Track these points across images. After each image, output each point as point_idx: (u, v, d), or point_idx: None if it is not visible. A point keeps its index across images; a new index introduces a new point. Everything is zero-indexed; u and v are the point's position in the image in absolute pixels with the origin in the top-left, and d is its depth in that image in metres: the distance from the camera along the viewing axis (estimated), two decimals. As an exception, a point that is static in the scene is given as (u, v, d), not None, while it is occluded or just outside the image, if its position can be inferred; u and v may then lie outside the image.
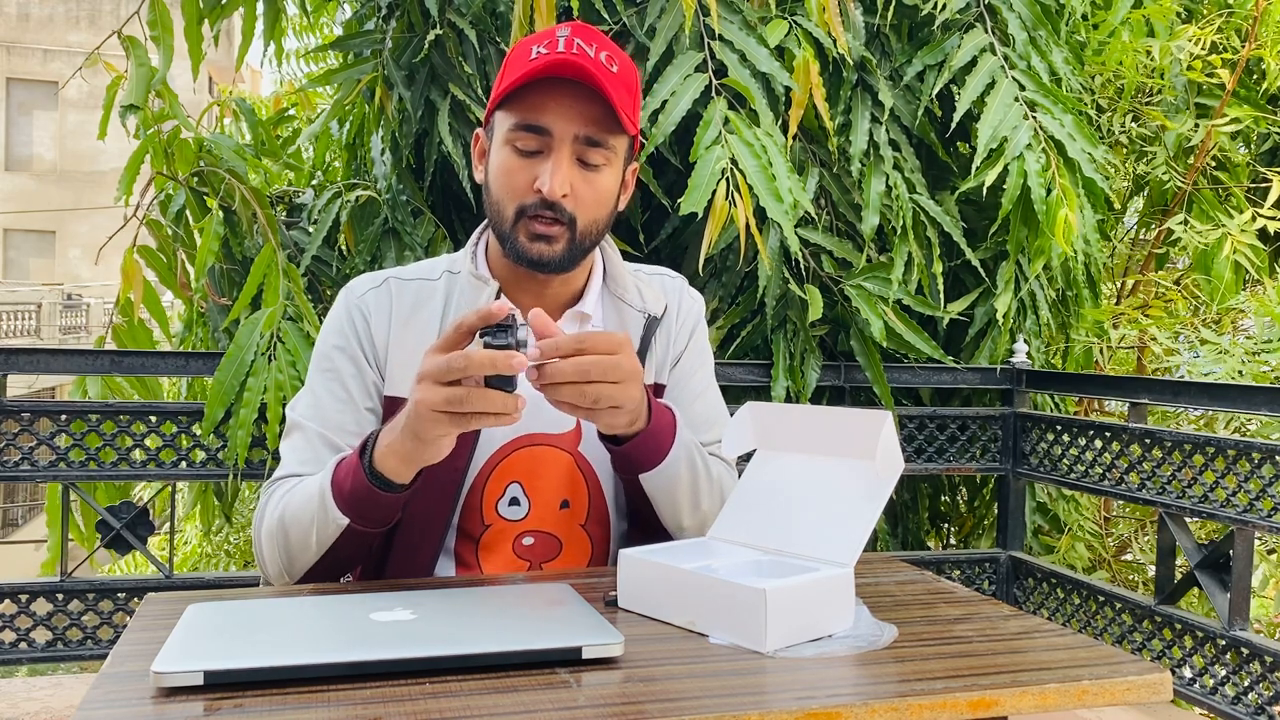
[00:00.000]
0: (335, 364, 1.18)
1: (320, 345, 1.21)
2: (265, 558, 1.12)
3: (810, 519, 0.98)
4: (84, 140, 20.48)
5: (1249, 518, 1.87)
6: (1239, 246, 2.75)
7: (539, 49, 1.10)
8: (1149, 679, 0.82)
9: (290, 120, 3.20)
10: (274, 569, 1.12)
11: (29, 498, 16.58)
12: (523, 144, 1.11)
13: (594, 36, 1.12)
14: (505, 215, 1.13)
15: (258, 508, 1.15)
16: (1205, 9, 3.12)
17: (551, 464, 1.17)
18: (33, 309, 18.59)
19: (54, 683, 2.31)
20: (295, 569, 1.09)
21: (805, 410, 1.07)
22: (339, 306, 1.21)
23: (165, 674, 0.74)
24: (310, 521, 1.05)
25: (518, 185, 1.11)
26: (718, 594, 0.87)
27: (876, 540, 2.55)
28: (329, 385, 1.17)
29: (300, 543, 1.07)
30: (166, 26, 2.42)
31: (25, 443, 2.00)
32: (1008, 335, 2.54)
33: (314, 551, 1.06)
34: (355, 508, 1.02)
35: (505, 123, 1.12)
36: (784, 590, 0.86)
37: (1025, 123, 2.33)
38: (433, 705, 0.72)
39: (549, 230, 1.11)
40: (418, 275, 1.21)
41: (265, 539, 1.11)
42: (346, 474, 1.03)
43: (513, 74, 1.11)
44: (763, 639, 0.84)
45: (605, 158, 1.13)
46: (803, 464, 1.03)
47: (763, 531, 1.01)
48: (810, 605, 0.88)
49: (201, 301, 2.48)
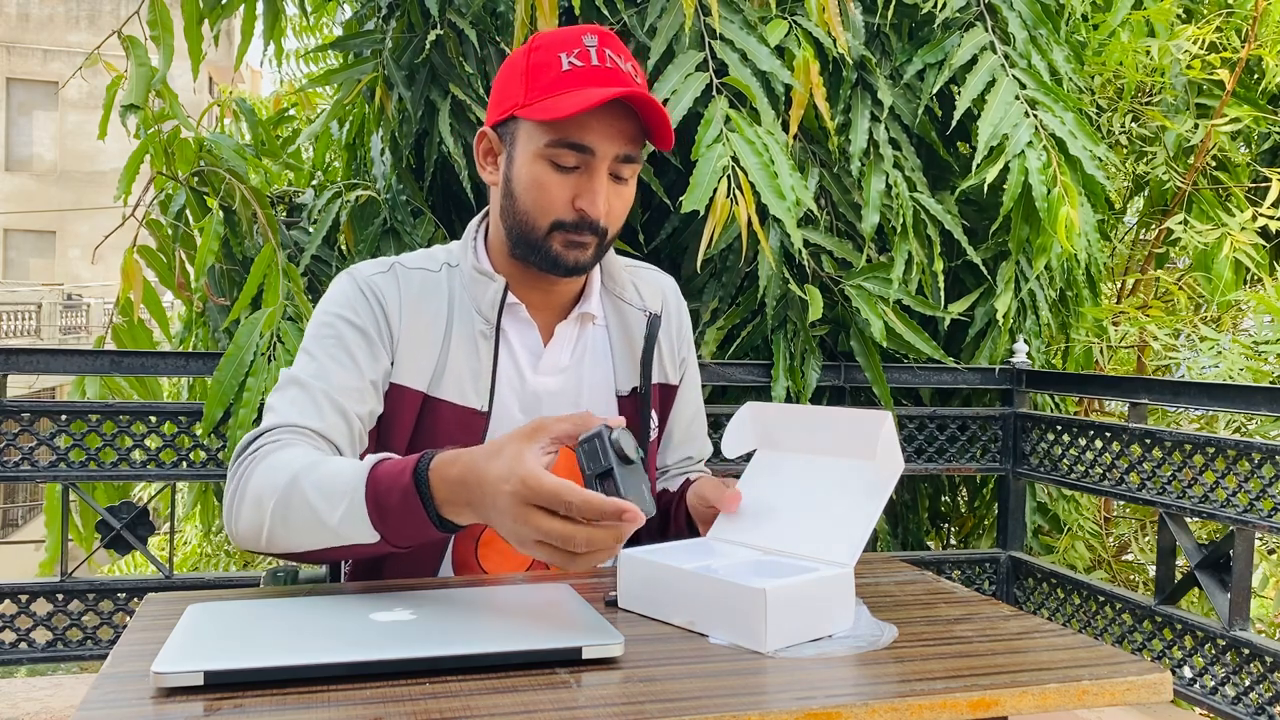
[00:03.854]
0: (340, 332, 1.13)
1: (322, 315, 1.15)
2: (243, 516, 1.00)
3: (811, 519, 0.98)
4: (84, 140, 20.48)
5: (1249, 518, 1.87)
6: (1239, 245, 2.75)
7: (571, 60, 1.09)
8: (1149, 679, 0.82)
9: (290, 120, 3.20)
10: (248, 533, 1.00)
11: (29, 498, 16.58)
12: (562, 160, 1.10)
13: (618, 46, 1.12)
14: (538, 226, 1.13)
15: (244, 455, 1.04)
16: (1205, 9, 3.12)
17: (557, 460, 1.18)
18: (33, 309, 18.60)
19: (54, 683, 2.31)
20: (277, 544, 0.99)
21: (805, 410, 1.07)
22: (345, 284, 1.17)
23: (165, 674, 0.74)
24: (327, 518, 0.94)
25: (554, 202, 1.11)
26: (717, 594, 0.87)
27: (877, 540, 2.54)
28: (332, 351, 1.12)
29: (302, 530, 0.96)
30: (166, 26, 2.42)
31: (25, 443, 2.00)
32: (1008, 335, 2.54)
33: (314, 543, 0.97)
34: (399, 532, 0.92)
35: (539, 136, 1.10)
36: (784, 590, 0.85)
37: (1026, 121, 2.32)
38: (433, 705, 0.72)
39: (584, 239, 1.13)
40: (419, 265, 1.20)
41: (252, 500, 1.00)
42: (392, 494, 0.91)
43: (545, 86, 1.09)
44: (763, 639, 0.84)
45: (634, 171, 1.15)
46: (803, 464, 1.03)
47: (763, 532, 1.01)
48: (810, 605, 0.88)
49: (201, 302, 2.48)
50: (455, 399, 1.15)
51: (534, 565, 1.17)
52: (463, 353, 1.16)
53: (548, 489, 0.81)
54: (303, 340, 1.16)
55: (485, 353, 1.16)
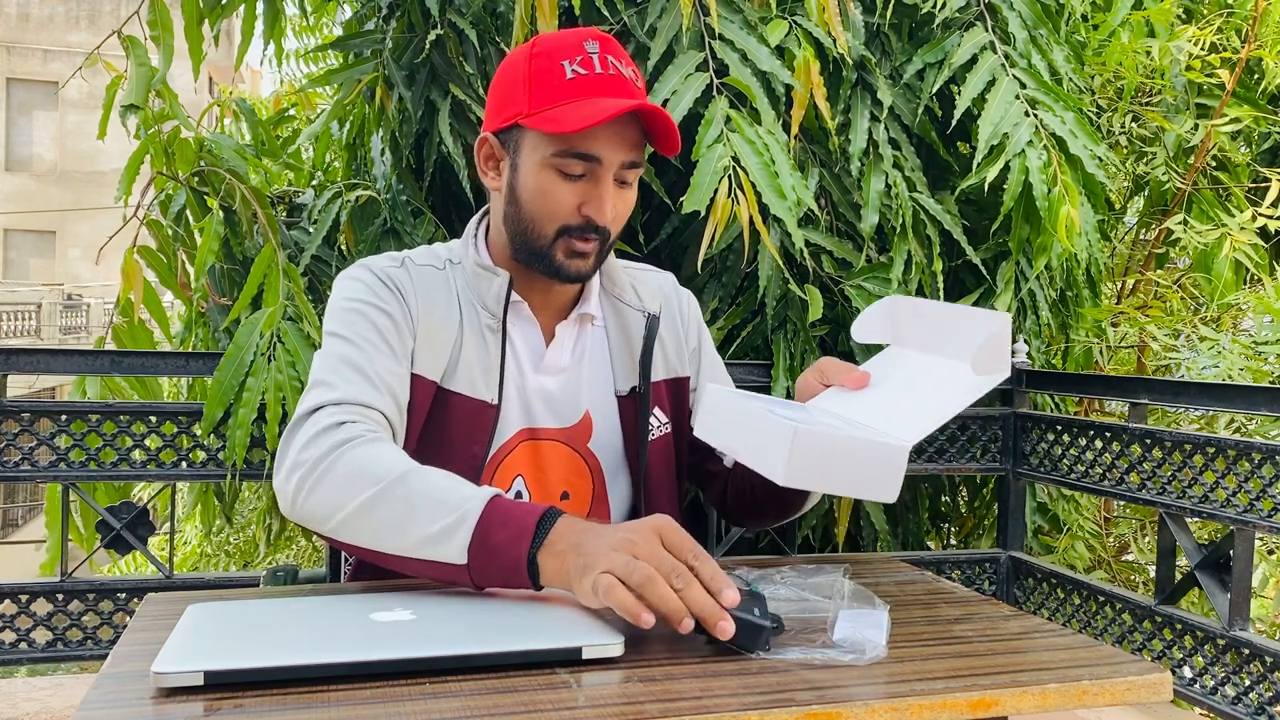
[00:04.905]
0: (373, 319, 1.12)
1: (348, 304, 1.14)
2: (317, 493, 0.98)
3: (899, 402, 1.00)
4: (84, 140, 20.49)
5: (1249, 518, 1.87)
6: (1239, 245, 2.75)
7: (574, 68, 1.09)
8: (1149, 679, 0.82)
9: (290, 120, 3.20)
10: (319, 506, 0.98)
11: (29, 498, 16.59)
12: (569, 170, 1.11)
13: (619, 50, 1.13)
14: (544, 234, 1.14)
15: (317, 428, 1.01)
16: (1205, 9, 3.12)
17: (552, 457, 1.19)
18: (33, 309, 18.61)
19: (54, 683, 2.31)
20: (344, 531, 0.97)
21: (936, 307, 1.07)
22: (363, 274, 1.16)
23: (165, 674, 0.74)
24: (419, 522, 0.93)
25: (561, 209, 1.12)
26: (759, 427, 0.90)
27: (877, 540, 2.55)
28: (369, 337, 1.11)
29: (388, 524, 0.94)
30: (166, 26, 2.42)
31: (25, 443, 2.00)
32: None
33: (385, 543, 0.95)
34: (486, 565, 0.90)
35: (545, 144, 1.10)
36: (814, 434, 0.87)
37: (1026, 120, 2.32)
38: (433, 705, 0.72)
39: (587, 246, 1.14)
40: (426, 262, 1.21)
41: (339, 478, 0.97)
42: (508, 526, 0.90)
43: (549, 94, 1.09)
44: (779, 471, 0.85)
45: (637, 175, 1.16)
46: (918, 360, 1.06)
47: (850, 406, 1.03)
48: (839, 461, 0.88)
49: (201, 301, 2.48)
50: (467, 391, 1.16)
51: None
52: (473, 346, 1.17)
53: (685, 533, 0.85)
54: (328, 327, 1.14)
55: (494, 346, 1.17)
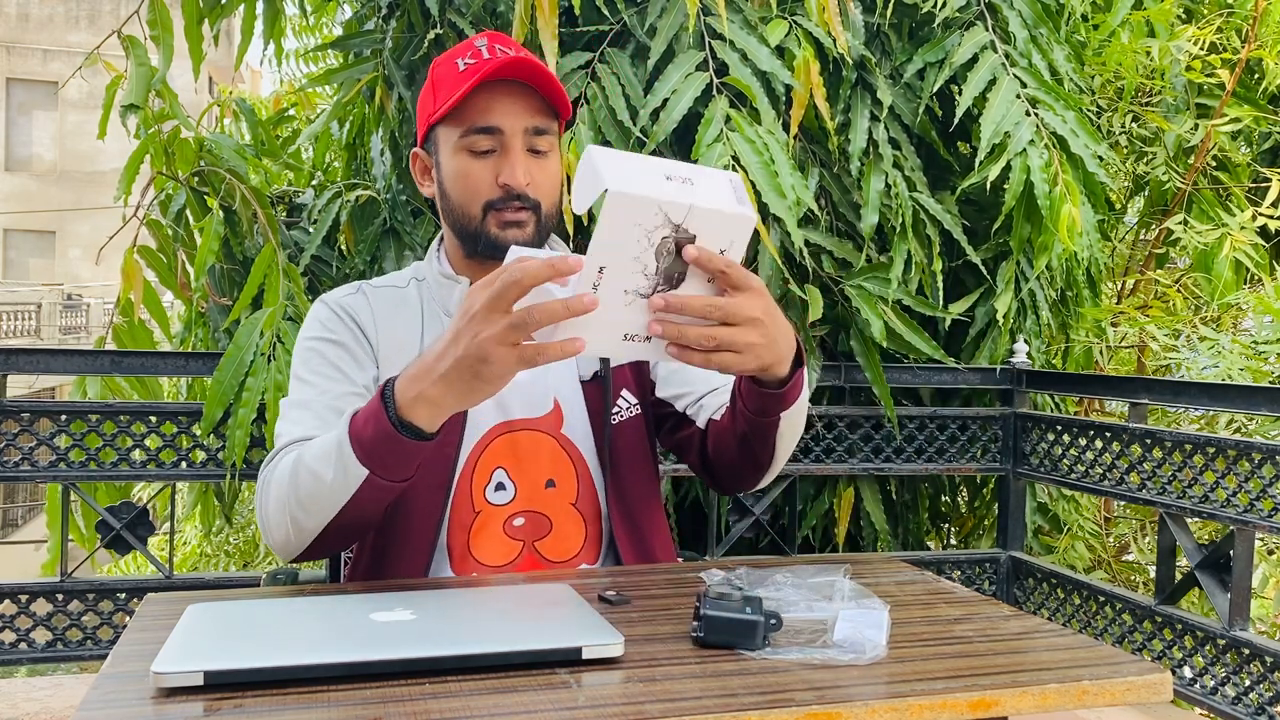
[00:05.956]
0: (323, 352, 1.21)
1: (304, 344, 1.23)
2: (271, 522, 1.08)
3: None
4: (84, 140, 20.47)
5: (1249, 518, 1.87)
6: (1239, 245, 2.75)
7: (464, 61, 1.17)
8: (1149, 679, 0.82)
9: (290, 120, 3.20)
10: (280, 535, 1.07)
11: (29, 498, 16.59)
12: (476, 147, 1.17)
13: (507, 40, 1.20)
14: (471, 214, 1.19)
15: (263, 475, 1.11)
16: (1205, 9, 3.12)
17: (532, 447, 1.21)
18: (33, 309, 18.61)
19: (54, 683, 2.31)
20: (305, 532, 1.05)
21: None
22: (319, 310, 1.26)
23: (165, 674, 0.74)
24: (325, 477, 1.00)
25: (480, 185, 1.18)
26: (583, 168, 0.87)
27: (877, 540, 2.55)
28: (320, 370, 1.19)
29: (312, 501, 1.02)
30: (166, 26, 2.42)
31: (25, 443, 2.00)
32: (1008, 335, 2.54)
33: (327, 511, 1.02)
34: (379, 459, 0.97)
35: (453, 133, 1.18)
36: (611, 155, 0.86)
37: (1027, 119, 2.32)
38: (433, 705, 0.72)
39: (518, 216, 1.18)
40: (386, 284, 1.29)
41: (274, 502, 1.06)
42: (366, 423, 0.97)
43: (448, 90, 1.17)
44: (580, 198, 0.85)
45: (550, 143, 1.20)
46: None
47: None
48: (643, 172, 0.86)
49: (201, 301, 2.48)
50: None
51: (522, 554, 1.19)
52: None
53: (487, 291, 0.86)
54: (291, 368, 1.23)
55: None
